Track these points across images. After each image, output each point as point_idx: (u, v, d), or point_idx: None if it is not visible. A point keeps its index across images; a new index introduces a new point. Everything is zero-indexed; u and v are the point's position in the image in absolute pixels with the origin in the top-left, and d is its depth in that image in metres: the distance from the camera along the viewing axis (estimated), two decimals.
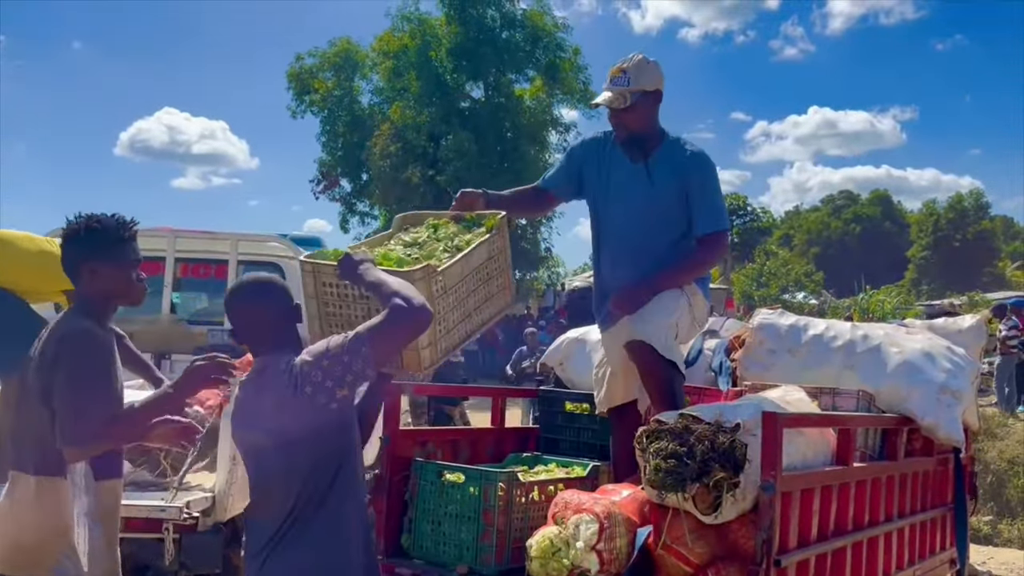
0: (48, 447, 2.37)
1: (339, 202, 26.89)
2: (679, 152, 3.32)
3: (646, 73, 3.27)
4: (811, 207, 60.28)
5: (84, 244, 2.48)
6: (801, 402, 3.18)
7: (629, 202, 3.34)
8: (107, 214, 2.53)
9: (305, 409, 2.15)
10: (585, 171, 3.46)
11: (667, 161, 3.31)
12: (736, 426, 2.56)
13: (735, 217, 50.59)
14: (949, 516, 4.01)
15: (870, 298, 25.40)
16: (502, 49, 23.75)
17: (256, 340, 2.30)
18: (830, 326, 3.88)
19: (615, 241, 3.41)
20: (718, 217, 3.33)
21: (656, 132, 3.35)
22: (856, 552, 3.10)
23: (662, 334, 3.20)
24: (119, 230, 2.51)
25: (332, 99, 25.23)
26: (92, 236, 2.48)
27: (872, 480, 3.24)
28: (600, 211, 3.46)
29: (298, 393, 2.14)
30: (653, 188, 3.30)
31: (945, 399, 3.53)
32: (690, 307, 3.33)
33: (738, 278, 34.69)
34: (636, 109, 3.26)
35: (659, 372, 3.20)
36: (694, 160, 3.30)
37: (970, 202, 49.27)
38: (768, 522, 2.49)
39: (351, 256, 2.55)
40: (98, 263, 2.47)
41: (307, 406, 2.14)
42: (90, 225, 2.49)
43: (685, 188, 3.27)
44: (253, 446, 2.26)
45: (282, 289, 2.36)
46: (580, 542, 2.75)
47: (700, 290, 3.40)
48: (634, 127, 3.30)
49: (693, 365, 4.12)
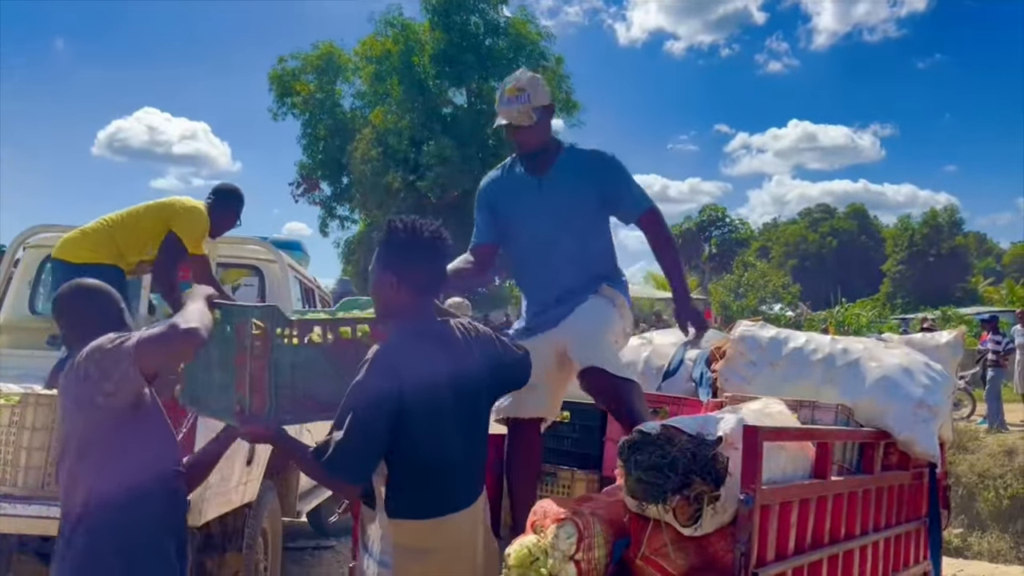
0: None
1: (319, 205, 26.81)
2: (578, 157, 3.39)
3: (540, 89, 3.32)
4: (789, 220, 60.88)
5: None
6: (781, 415, 3.19)
7: (543, 214, 3.35)
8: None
9: (81, 397, 2.20)
10: (499, 206, 3.44)
11: (569, 168, 3.36)
12: (718, 439, 2.57)
13: (714, 228, 51.08)
14: (924, 529, 4.05)
15: (846, 311, 25.64)
16: (485, 56, 23.80)
17: (77, 339, 2.34)
18: (810, 339, 3.90)
19: (541, 255, 3.38)
20: (644, 195, 3.42)
21: (553, 144, 3.41)
22: (832, 565, 3.12)
23: (611, 355, 3.22)
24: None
25: (314, 102, 25.18)
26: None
27: (849, 493, 3.26)
28: (517, 230, 3.41)
29: (78, 381, 2.21)
30: (564, 195, 3.33)
31: (922, 414, 3.56)
32: (621, 317, 3.36)
33: (716, 289, 34.95)
34: (539, 125, 3.31)
35: (621, 393, 3.17)
36: (596, 158, 3.38)
37: (944, 218, 49.97)
38: (747, 535, 2.50)
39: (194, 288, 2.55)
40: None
41: (82, 394, 2.20)
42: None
43: (599, 186, 3.34)
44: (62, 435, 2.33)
45: (108, 295, 2.44)
46: (558, 552, 2.74)
47: (626, 297, 3.43)
48: (536, 143, 3.34)
49: (674, 375, 4.14)
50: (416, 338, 2.29)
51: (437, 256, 2.39)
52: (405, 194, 22.67)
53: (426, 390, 2.21)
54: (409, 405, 2.18)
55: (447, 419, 2.29)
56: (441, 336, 2.36)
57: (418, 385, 2.19)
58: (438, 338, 2.34)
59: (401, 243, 2.34)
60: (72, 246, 4.25)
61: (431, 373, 2.23)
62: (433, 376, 2.24)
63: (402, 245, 2.34)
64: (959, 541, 9.48)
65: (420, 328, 2.32)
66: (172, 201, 4.48)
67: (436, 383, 2.25)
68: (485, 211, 3.49)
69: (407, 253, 2.33)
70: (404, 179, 22.73)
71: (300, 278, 5.84)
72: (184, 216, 4.36)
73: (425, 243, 2.35)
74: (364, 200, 23.98)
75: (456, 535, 2.33)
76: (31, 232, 5.28)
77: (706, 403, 3.65)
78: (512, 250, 3.49)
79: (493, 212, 3.47)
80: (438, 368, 2.26)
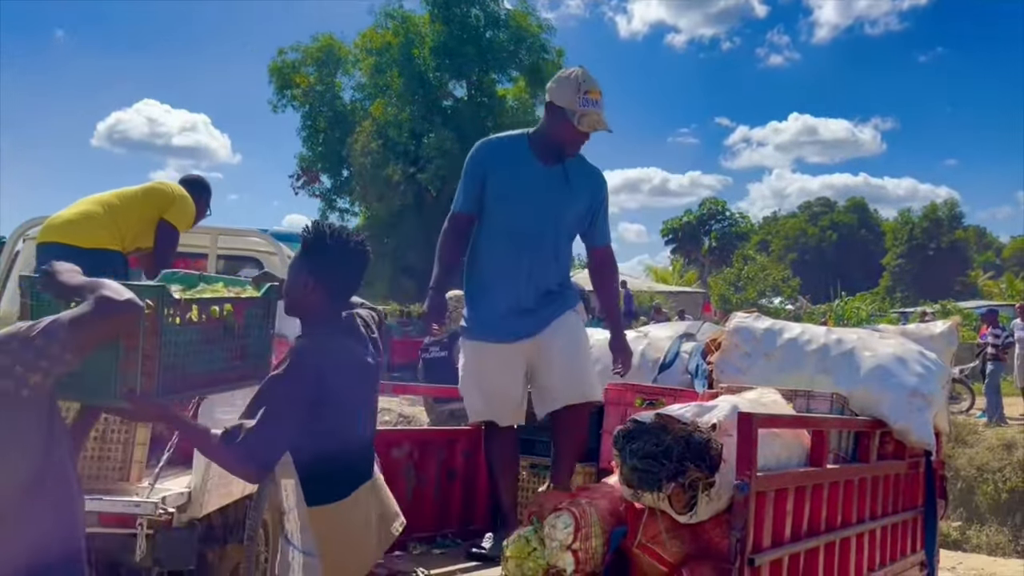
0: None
1: (319, 198, 26.81)
2: (589, 166, 3.52)
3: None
4: (789, 213, 60.84)
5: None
6: (776, 404, 3.21)
7: (544, 204, 3.37)
8: None
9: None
10: (490, 175, 3.39)
11: (581, 171, 3.45)
12: (712, 426, 2.59)
13: (714, 222, 51.01)
14: (920, 519, 4.07)
15: (845, 305, 25.65)
16: (485, 49, 23.78)
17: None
18: (805, 330, 3.92)
19: (529, 243, 3.37)
20: (609, 232, 3.63)
21: None
22: (828, 553, 3.14)
23: (596, 381, 3.50)
24: None
25: (314, 94, 25.16)
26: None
27: (845, 482, 3.28)
28: (508, 211, 3.38)
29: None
30: (570, 193, 3.40)
31: (916, 403, 3.58)
32: (584, 330, 3.61)
33: (715, 282, 34.95)
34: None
35: (585, 427, 3.53)
36: (599, 176, 3.57)
37: (944, 212, 49.96)
38: (742, 522, 2.51)
39: (52, 268, 2.34)
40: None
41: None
42: None
43: (595, 200, 3.49)
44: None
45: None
46: (555, 542, 2.76)
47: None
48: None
49: (670, 368, 4.15)
50: (330, 337, 2.37)
51: (357, 266, 2.45)
52: (405, 186, 22.68)
53: (340, 385, 2.30)
54: (325, 401, 2.26)
55: (356, 407, 2.41)
56: (349, 331, 2.44)
57: (334, 382, 2.28)
58: (347, 333, 2.42)
59: (324, 250, 2.39)
60: (76, 229, 3.98)
61: (344, 369, 2.34)
62: (346, 372, 2.34)
63: (325, 252, 2.39)
64: (958, 534, 9.51)
65: (331, 328, 2.39)
66: (163, 186, 4.39)
67: (348, 377, 2.35)
68: (476, 180, 3.41)
69: (328, 260, 2.39)
70: (404, 171, 22.74)
71: None
72: (180, 203, 4.29)
73: (349, 253, 2.41)
74: (364, 192, 23.99)
75: (365, 507, 2.41)
76: (31, 224, 5.28)
77: (702, 395, 3.67)
78: (493, 230, 3.41)
79: (483, 184, 3.40)
80: (350, 363, 2.36)
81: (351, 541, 2.35)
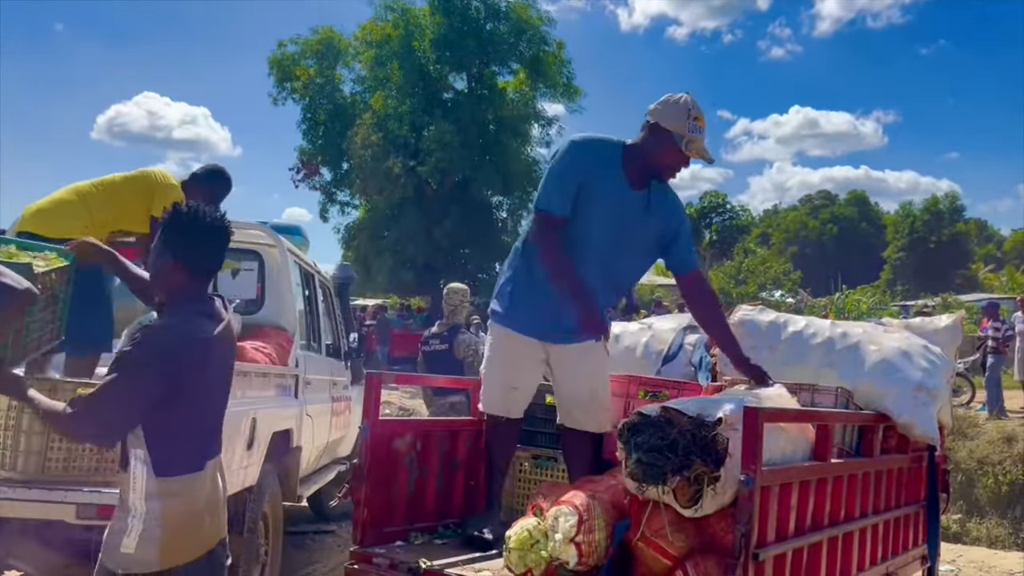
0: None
1: (319, 191, 26.71)
2: (669, 191, 3.46)
3: None
4: (789, 206, 60.81)
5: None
6: (781, 398, 3.20)
7: (619, 230, 3.31)
8: None
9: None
10: (584, 182, 3.27)
11: (663, 200, 3.40)
12: (718, 420, 2.57)
13: (714, 215, 50.97)
14: (922, 513, 4.06)
15: (846, 298, 25.63)
16: (486, 41, 23.66)
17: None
18: (809, 323, 3.90)
19: (591, 263, 3.30)
20: (694, 258, 3.54)
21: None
22: (832, 546, 3.13)
23: (612, 411, 3.49)
24: None
25: (314, 87, 25.03)
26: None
27: (849, 476, 3.27)
28: (582, 225, 3.29)
29: None
30: (645, 222, 3.35)
31: (921, 397, 3.57)
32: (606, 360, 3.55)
33: (716, 275, 34.89)
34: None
35: (594, 449, 3.50)
36: (680, 205, 3.54)
37: (945, 205, 49.90)
38: (747, 516, 2.50)
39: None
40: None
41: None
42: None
43: (674, 226, 3.41)
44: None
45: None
46: (559, 534, 2.75)
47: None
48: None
49: (673, 360, 4.14)
50: (190, 317, 2.39)
51: (216, 243, 2.47)
52: (405, 179, 22.60)
53: (196, 365, 2.34)
54: (180, 378, 2.29)
55: (209, 386, 2.44)
56: (211, 314, 2.46)
57: (189, 361, 2.31)
58: (208, 315, 2.44)
59: (183, 228, 2.41)
60: (45, 219, 3.96)
61: (201, 349, 2.36)
62: (202, 352, 2.37)
63: (183, 230, 2.41)
64: (958, 527, 9.51)
65: (193, 307, 2.42)
66: (151, 174, 4.27)
67: (204, 358, 2.38)
68: (573, 181, 3.26)
69: (188, 238, 2.40)
70: (404, 164, 22.65)
71: (300, 263, 5.82)
72: (170, 193, 4.08)
73: (206, 230, 2.42)
74: (364, 185, 23.89)
75: (210, 482, 2.46)
76: None
77: (705, 387, 3.66)
78: (583, 243, 3.30)
79: (576, 190, 3.26)
80: (206, 343, 2.38)
81: (193, 515, 2.38)
